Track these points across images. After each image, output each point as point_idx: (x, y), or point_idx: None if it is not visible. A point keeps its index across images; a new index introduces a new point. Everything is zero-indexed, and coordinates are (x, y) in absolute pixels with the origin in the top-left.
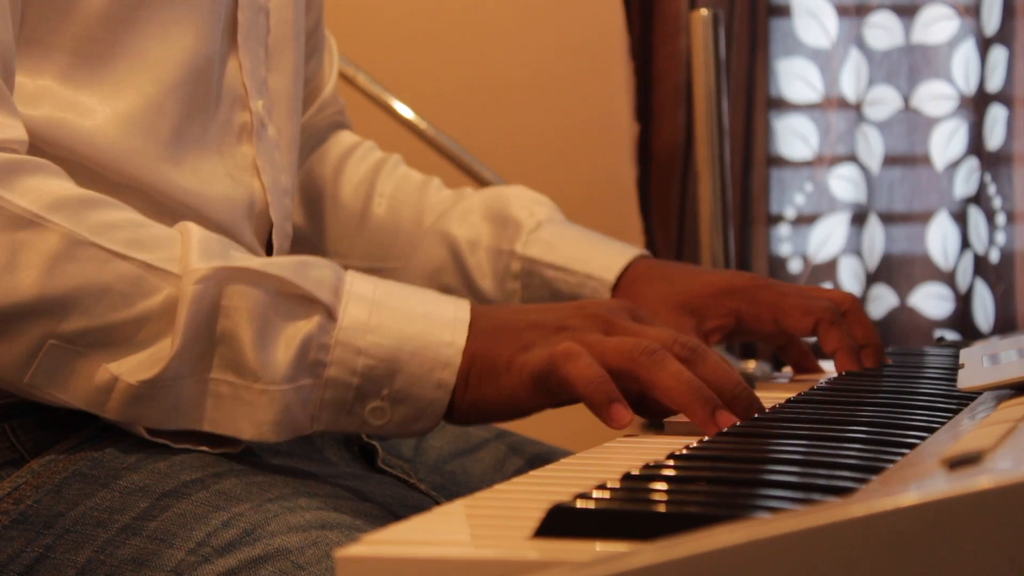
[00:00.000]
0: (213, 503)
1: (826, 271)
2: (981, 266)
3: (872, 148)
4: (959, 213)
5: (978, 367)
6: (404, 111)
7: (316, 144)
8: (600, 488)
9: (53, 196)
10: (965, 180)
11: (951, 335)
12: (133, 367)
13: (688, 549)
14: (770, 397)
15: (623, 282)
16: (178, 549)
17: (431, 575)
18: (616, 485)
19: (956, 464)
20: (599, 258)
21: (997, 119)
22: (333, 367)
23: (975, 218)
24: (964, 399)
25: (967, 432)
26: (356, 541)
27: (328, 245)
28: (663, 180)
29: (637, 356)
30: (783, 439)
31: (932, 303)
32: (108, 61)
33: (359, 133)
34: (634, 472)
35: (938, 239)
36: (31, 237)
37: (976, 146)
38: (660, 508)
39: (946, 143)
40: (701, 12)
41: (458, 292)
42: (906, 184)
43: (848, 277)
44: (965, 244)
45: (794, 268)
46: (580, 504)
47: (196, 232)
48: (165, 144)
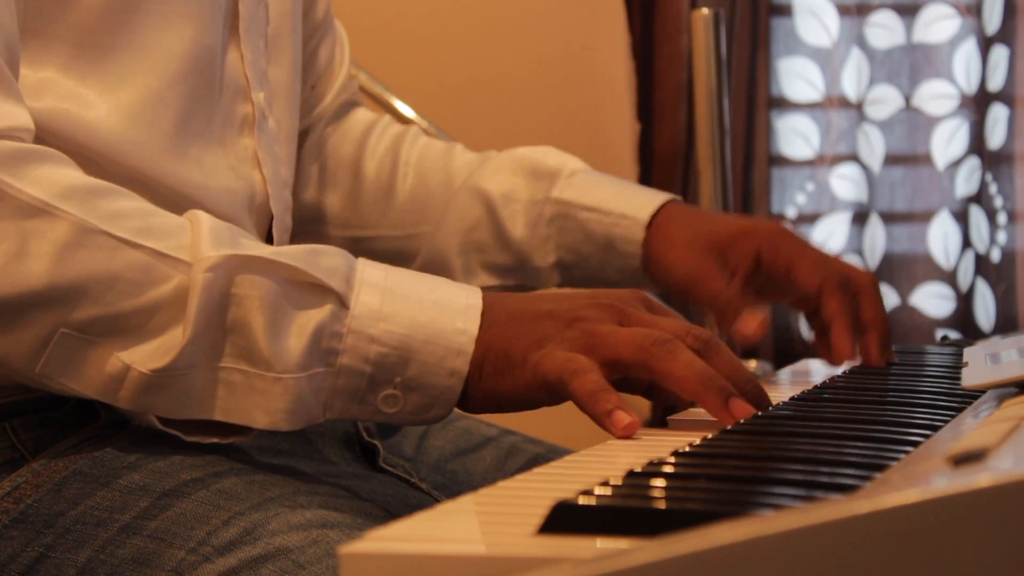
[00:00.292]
0: (213, 502)
1: None
2: (982, 265)
3: (873, 147)
4: (960, 212)
5: (981, 366)
6: (405, 110)
7: (332, 121)
8: (603, 485)
9: (63, 185)
10: (966, 179)
11: (952, 335)
12: (145, 355)
13: (691, 546)
14: (771, 396)
15: (655, 222)
16: (178, 548)
17: (435, 571)
18: (619, 482)
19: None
20: (633, 199)
21: (998, 118)
22: (346, 355)
23: (976, 217)
24: (966, 398)
25: (970, 430)
26: (359, 538)
27: (357, 220)
28: (664, 179)
29: (649, 347)
30: (786, 437)
31: (933, 302)
32: (109, 52)
33: None
34: (637, 469)
35: (939, 238)
36: (41, 225)
37: (977, 145)
38: (663, 505)
39: (947, 142)
40: (702, 11)
41: (489, 247)
42: (907, 183)
43: None
44: (966, 243)
45: None
46: (583, 501)
47: (206, 220)
48: (168, 136)
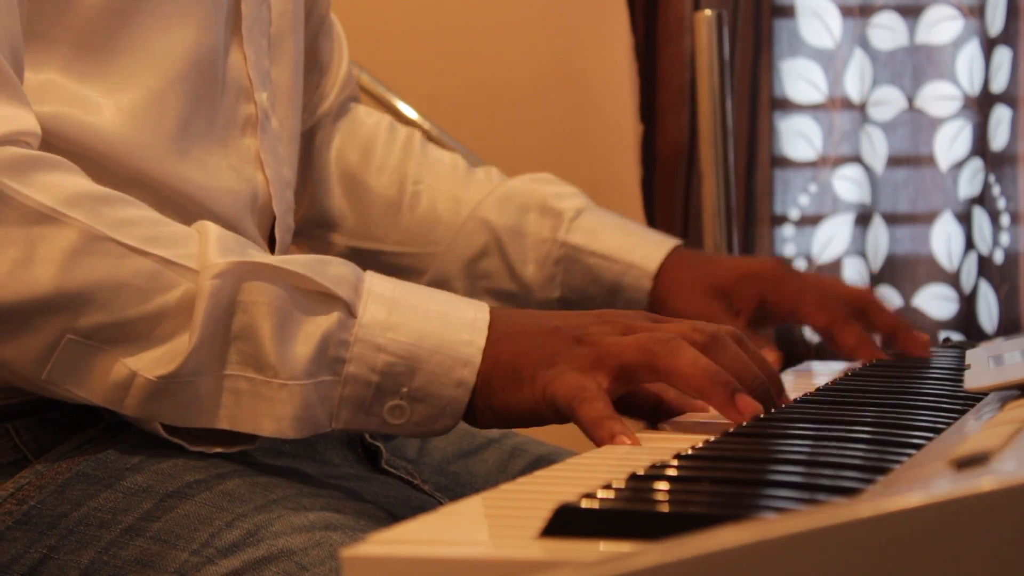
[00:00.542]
0: (217, 504)
1: (830, 272)
2: (985, 267)
3: (876, 149)
4: (963, 214)
5: (984, 368)
6: (407, 111)
7: (336, 119)
8: (606, 488)
9: (71, 191)
10: (969, 181)
11: (955, 336)
12: (151, 362)
13: (693, 549)
14: None
15: (661, 269)
16: (182, 550)
17: (437, 574)
18: (622, 485)
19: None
20: (640, 248)
21: (1001, 120)
22: (353, 363)
23: (979, 219)
24: (969, 400)
25: (973, 433)
26: (362, 541)
27: (363, 230)
28: (667, 181)
29: (652, 347)
30: (788, 439)
31: (936, 304)
32: (110, 53)
33: None
34: (640, 472)
35: (942, 240)
36: (49, 232)
37: (980, 147)
38: (665, 508)
39: (950, 144)
40: (705, 13)
41: (499, 276)
42: (910, 185)
43: (852, 278)
44: (969, 245)
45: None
46: (586, 504)
47: (214, 230)
48: (171, 137)
